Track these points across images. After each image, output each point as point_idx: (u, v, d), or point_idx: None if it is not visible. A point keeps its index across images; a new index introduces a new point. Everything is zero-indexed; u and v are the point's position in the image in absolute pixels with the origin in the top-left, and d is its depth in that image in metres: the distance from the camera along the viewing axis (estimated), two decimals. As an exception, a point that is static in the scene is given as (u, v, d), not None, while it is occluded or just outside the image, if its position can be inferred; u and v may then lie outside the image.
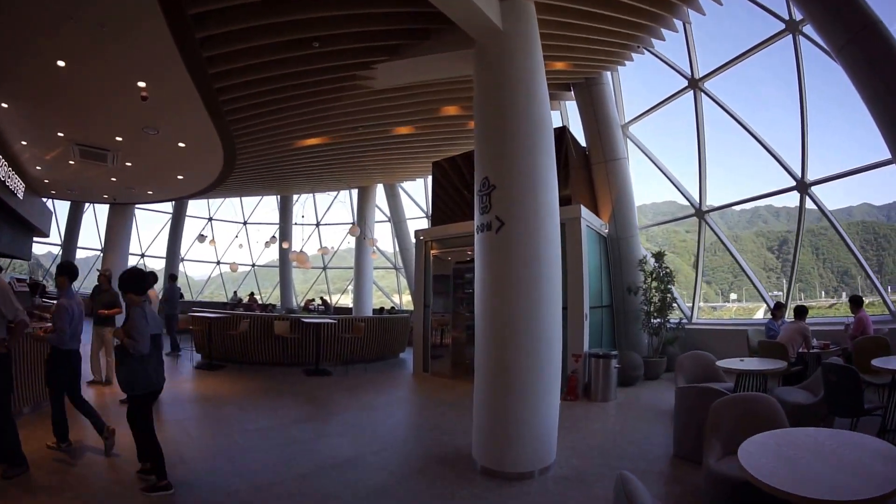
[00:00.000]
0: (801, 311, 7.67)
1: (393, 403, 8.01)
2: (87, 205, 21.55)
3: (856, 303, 7.78)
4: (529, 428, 4.81)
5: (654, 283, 10.42)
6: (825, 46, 7.11)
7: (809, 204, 9.30)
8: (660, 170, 11.62)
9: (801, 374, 6.87)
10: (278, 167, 14.07)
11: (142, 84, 7.58)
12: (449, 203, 10.98)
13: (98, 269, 12.34)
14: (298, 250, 15.91)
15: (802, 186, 9.22)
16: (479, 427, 5.05)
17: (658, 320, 10.33)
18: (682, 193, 11.33)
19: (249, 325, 10.76)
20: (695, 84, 10.47)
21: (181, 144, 10.55)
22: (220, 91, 8.06)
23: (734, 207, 11.57)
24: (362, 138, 11.77)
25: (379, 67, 7.62)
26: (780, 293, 13.21)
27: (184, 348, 11.89)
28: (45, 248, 22.10)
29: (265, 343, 10.87)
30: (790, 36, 8.81)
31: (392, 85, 8.59)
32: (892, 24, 6.25)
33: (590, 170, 11.33)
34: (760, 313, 13.25)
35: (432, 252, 10.37)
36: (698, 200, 10.96)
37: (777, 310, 8.60)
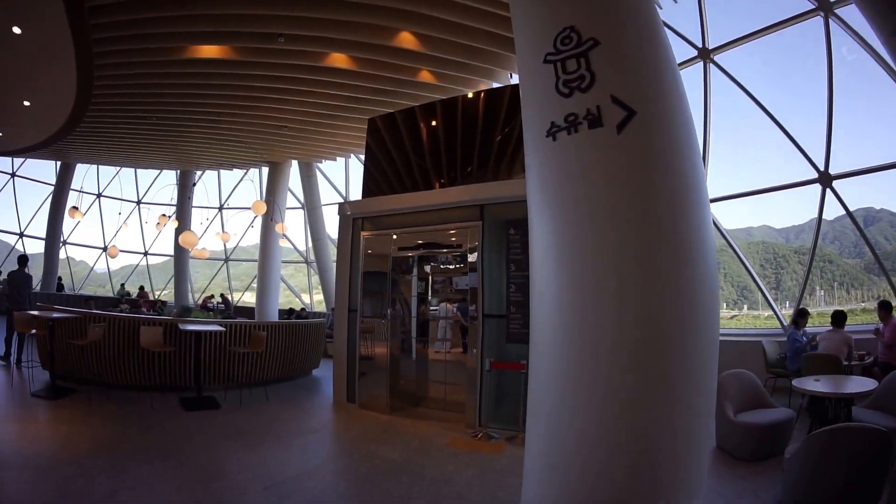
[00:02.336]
0: (840, 318, 6.86)
1: (314, 475, 5.03)
2: None
3: (886, 308, 6.85)
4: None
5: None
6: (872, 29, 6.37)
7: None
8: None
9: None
10: (158, 98, 10.64)
11: None
12: (386, 174, 8.11)
13: None
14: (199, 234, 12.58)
15: (825, 179, 8.33)
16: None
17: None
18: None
19: (106, 331, 7.42)
20: (706, 55, 8.91)
21: (16, 30, 7.76)
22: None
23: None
24: (281, 63, 8.96)
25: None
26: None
27: (28, 362, 8.16)
28: None
29: (130, 358, 7.53)
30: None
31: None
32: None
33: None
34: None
35: (364, 235, 7.45)
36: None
37: (801, 317, 7.53)
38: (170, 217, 16.92)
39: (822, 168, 8.34)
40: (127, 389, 7.47)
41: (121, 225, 18.73)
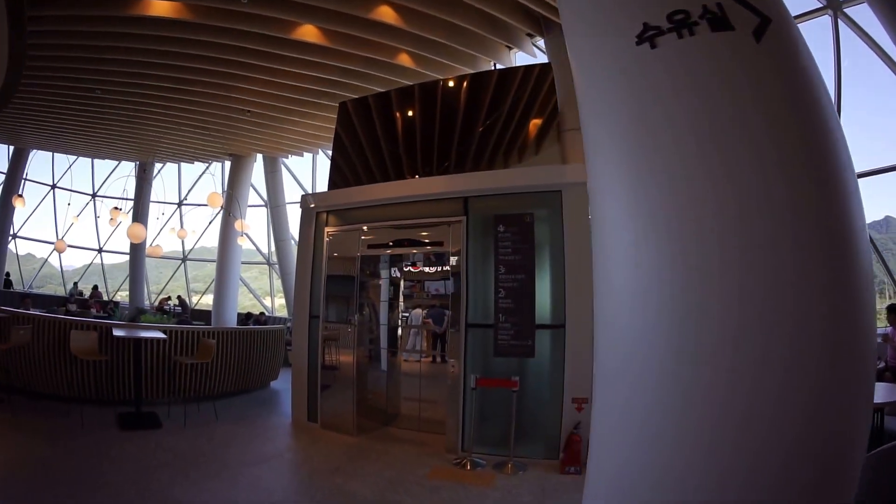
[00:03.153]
0: (896, 311, 6.37)
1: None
2: None
3: (894, 312, 6.49)
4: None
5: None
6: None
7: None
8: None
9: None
10: (103, 66, 9.42)
11: None
12: (356, 165, 7.23)
13: None
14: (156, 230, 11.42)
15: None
16: None
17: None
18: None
19: (35, 335, 6.42)
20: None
21: None
22: None
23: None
24: (245, 31, 8.01)
25: None
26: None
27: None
28: None
29: (62, 365, 6.54)
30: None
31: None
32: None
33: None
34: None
35: (328, 232, 6.54)
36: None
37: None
38: (124, 211, 15.70)
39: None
40: (60, 401, 6.50)
41: (71, 218, 17.32)
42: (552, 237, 5.46)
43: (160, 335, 6.53)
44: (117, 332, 6.40)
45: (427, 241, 6.25)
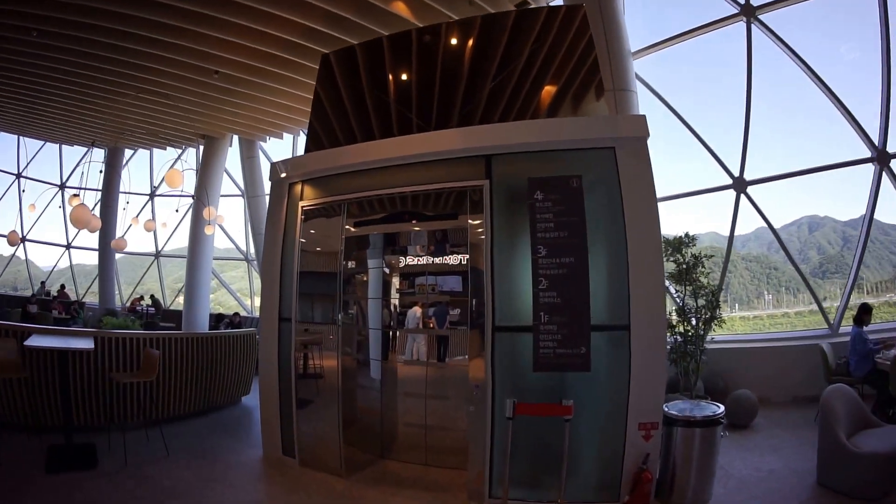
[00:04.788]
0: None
1: None
2: None
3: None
4: None
5: (695, 287, 6.42)
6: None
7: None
8: (683, 122, 8.52)
9: None
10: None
11: None
12: (337, 130, 5.68)
13: None
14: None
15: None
16: None
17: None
18: (714, 158, 8.32)
19: None
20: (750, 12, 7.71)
21: None
22: None
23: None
24: None
25: None
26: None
27: None
28: None
29: None
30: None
31: None
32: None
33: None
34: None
35: (303, 207, 5.01)
36: (739, 168, 8.10)
37: (866, 314, 6.18)
38: (77, 195, 14.00)
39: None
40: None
41: (28, 209, 15.62)
42: (604, 209, 4.01)
43: (86, 345, 4.96)
44: (32, 342, 4.83)
45: (435, 214, 4.72)
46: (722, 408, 4.15)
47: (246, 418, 6.60)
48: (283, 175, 5.15)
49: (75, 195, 12.97)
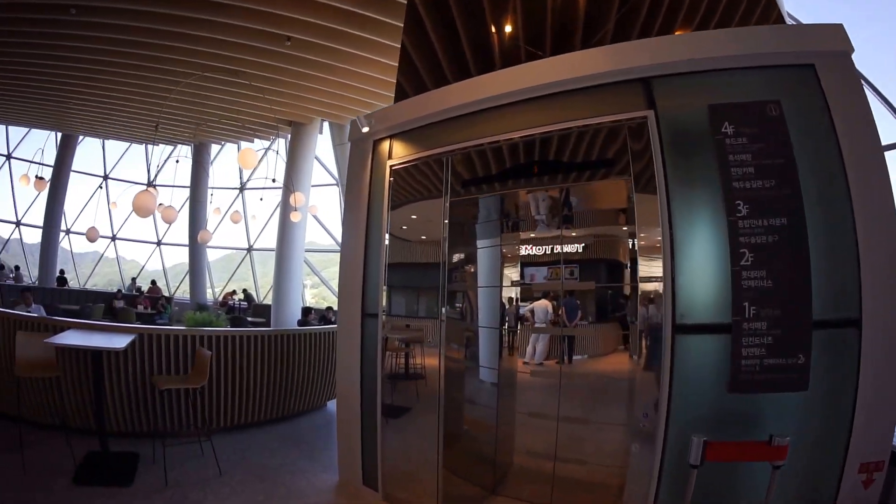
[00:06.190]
0: None
1: None
2: None
3: None
4: None
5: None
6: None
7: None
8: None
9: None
10: None
11: None
12: (432, 71, 4.58)
13: None
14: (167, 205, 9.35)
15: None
16: None
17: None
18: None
19: None
20: None
21: None
22: None
23: None
24: None
25: None
26: None
27: None
28: None
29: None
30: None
31: None
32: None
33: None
34: None
35: (393, 168, 3.91)
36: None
37: None
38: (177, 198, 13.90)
39: None
40: (37, 427, 4.56)
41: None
42: (808, 150, 2.67)
43: (120, 346, 4.04)
44: (54, 340, 3.94)
45: (576, 164, 3.43)
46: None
47: (326, 428, 5.60)
48: (366, 130, 4.07)
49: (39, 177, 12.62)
